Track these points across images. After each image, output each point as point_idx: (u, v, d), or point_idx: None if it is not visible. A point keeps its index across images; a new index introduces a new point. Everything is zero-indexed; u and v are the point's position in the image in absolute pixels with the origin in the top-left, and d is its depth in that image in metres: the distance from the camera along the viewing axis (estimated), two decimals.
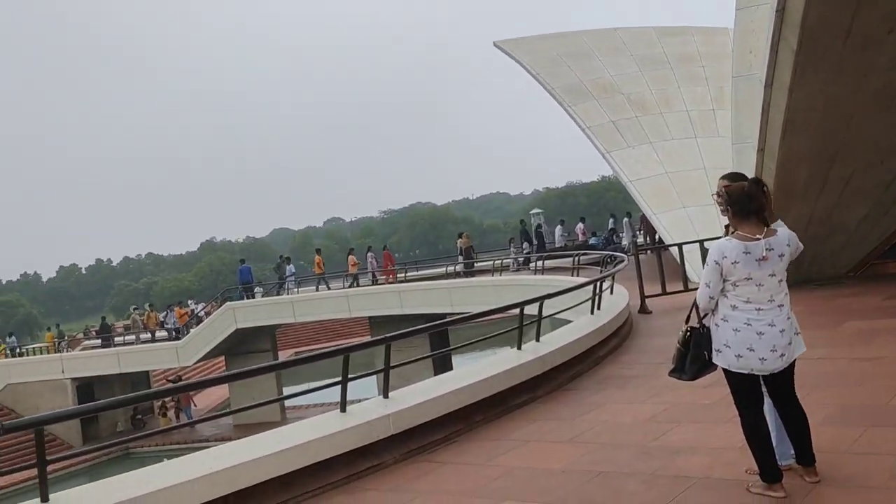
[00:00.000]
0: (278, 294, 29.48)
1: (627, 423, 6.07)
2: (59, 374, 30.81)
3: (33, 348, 40.32)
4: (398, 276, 30.05)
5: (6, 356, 34.83)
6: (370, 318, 27.42)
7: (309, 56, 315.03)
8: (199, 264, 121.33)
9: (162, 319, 33.44)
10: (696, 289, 4.22)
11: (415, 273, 31.68)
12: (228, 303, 29.28)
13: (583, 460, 5.23)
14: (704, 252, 12.87)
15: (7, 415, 30.35)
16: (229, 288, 37.69)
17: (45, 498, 4.16)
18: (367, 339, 29.73)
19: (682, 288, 13.56)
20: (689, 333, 4.22)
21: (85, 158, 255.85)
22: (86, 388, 31.11)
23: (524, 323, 8.01)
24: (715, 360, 4.08)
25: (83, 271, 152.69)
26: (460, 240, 29.02)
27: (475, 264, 28.26)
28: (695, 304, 4.20)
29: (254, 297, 30.72)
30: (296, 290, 29.99)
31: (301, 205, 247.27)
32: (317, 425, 5.55)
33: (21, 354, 36.77)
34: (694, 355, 4.19)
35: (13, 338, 40.86)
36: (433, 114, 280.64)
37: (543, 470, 5.15)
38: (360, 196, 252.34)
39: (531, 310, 8.45)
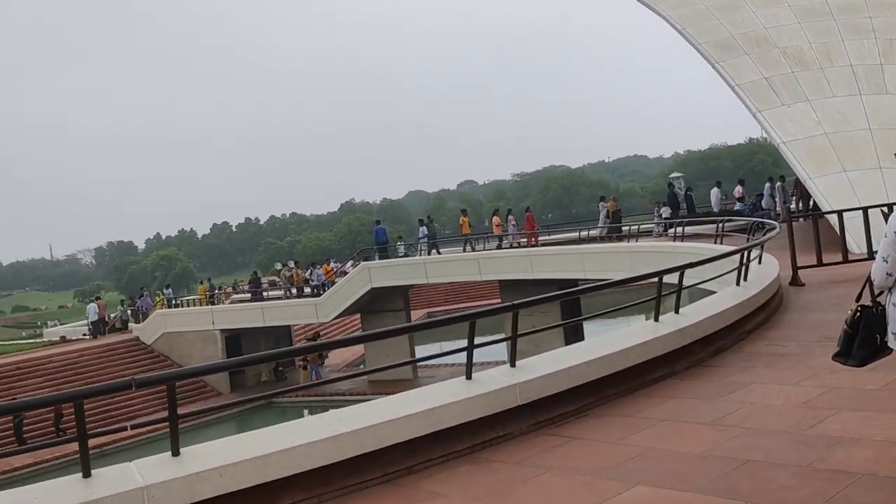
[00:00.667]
0: (430, 254, 29.84)
1: (778, 407, 5.54)
2: (209, 326, 32.86)
3: (187, 300, 43.27)
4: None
5: (164, 307, 37.53)
6: (500, 281, 27.30)
7: (443, 19, 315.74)
8: (338, 225, 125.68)
9: (307, 276, 34.77)
10: (857, 261, 3.70)
11: (546, 237, 31.18)
12: (364, 262, 30.05)
13: (726, 445, 4.79)
14: (868, 220, 11.74)
15: (163, 361, 32.78)
16: (366, 248, 38.71)
17: (175, 452, 4.27)
18: (496, 302, 29.69)
19: (840, 259, 12.40)
20: (859, 313, 3.70)
21: (235, 123, 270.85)
22: (234, 339, 33.00)
23: (662, 293, 7.54)
24: (891, 344, 3.56)
25: (234, 229, 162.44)
26: (606, 203, 27.90)
27: (618, 229, 27.08)
28: (868, 280, 3.67)
29: (398, 255, 31.51)
30: (427, 251, 30.34)
31: (436, 168, 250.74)
32: (442, 392, 5.42)
33: (177, 306, 39.53)
34: (863, 338, 3.68)
35: (170, 290, 44.07)
36: (569, 74, 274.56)
37: (682, 453, 4.77)
38: (494, 159, 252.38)
39: (670, 279, 7.94)
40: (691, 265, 8.40)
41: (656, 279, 7.66)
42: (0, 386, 28.19)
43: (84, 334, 42.25)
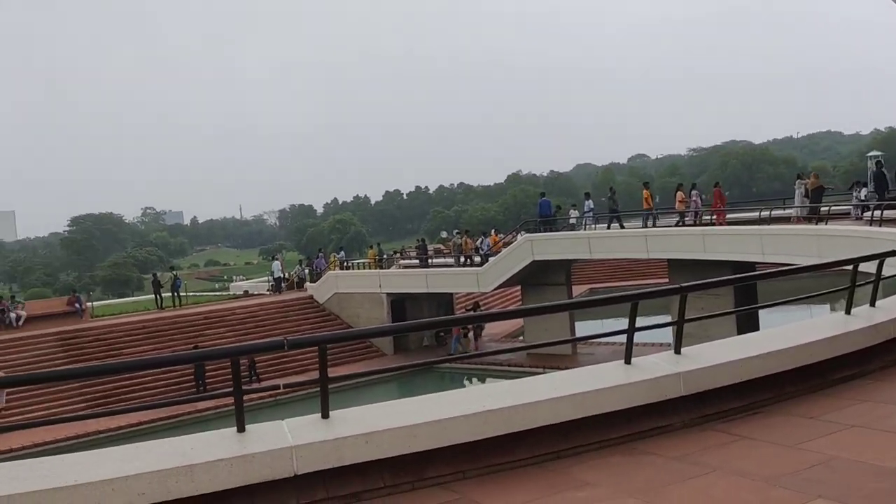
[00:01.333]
0: (612, 227, 28.87)
1: None
2: (376, 289, 34.08)
3: (358, 263, 45.16)
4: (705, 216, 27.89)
5: (336, 268, 39.38)
6: (669, 260, 26.09)
7: None
8: (504, 196, 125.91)
9: (477, 245, 35.14)
10: None
11: None
12: (526, 234, 29.84)
13: None
14: None
15: (333, 320, 34.49)
16: (530, 219, 38.43)
17: (325, 414, 4.30)
18: (664, 282, 28.46)
19: None
20: None
21: (409, 98, 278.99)
22: (399, 303, 34.06)
23: (857, 283, 6.72)
24: None
25: (404, 196, 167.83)
26: (804, 180, 25.58)
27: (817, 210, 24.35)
28: None
29: (569, 225, 31.14)
30: (593, 226, 29.60)
31: (605, 141, 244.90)
32: (598, 375, 5.10)
33: (348, 268, 41.36)
34: None
35: (342, 252, 46.18)
36: (754, 44, 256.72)
37: (873, 466, 4.17)
38: (669, 132, 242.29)
39: (867, 268, 7.07)
40: (894, 253, 7.43)
41: (849, 267, 6.85)
42: (190, 333, 30.96)
43: (267, 290, 45.36)
